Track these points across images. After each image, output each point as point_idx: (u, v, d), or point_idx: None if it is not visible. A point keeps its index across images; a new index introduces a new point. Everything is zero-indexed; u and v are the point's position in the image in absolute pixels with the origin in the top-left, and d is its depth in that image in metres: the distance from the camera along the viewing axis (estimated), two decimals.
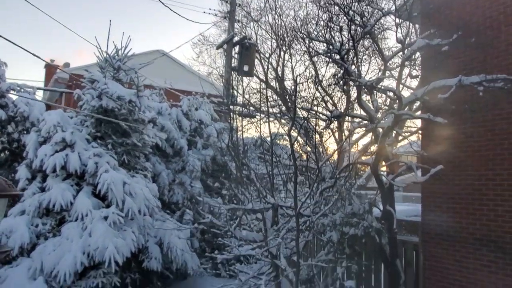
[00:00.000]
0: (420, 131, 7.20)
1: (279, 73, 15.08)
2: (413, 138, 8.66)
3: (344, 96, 8.19)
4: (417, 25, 7.75)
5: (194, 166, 10.22)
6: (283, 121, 8.49)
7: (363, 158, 6.90)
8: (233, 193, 6.58)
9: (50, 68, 20.44)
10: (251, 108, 12.07)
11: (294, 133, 6.48)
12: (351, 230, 6.15)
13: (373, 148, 6.87)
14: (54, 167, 7.97)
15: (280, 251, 6.05)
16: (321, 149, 7.73)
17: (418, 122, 7.97)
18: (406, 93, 8.68)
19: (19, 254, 7.40)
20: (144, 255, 8.01)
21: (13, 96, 10.04)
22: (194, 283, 9.17)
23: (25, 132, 9.93)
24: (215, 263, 8.10)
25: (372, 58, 14.34)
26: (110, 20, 9.02)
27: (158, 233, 8.29)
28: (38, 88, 13.14)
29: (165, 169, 10.20)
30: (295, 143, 6.91)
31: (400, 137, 7.53)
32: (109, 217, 7.49)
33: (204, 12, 33.98)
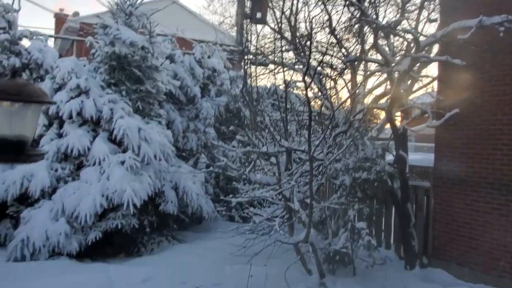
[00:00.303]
0: (436, 80, 7.10)
1: (292, 22, 14.69)
2: (428, 90, 8.58)
3: (359, 41, 8.01)
4: None
5: (208, 114, 10.27)
6: (296, 67, 8.40)
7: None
8: (247, 137, 6.65)
9: (60, 18, 20.19)
10: (264, 57, 11.91)
11: (308, 80, 6.43)
12: (364, 174, 6.22)
13: (387, 96, 6.83)
14: (70, 113, 8.09)
15: (294, 194, 6.17)
16: (335, 95, 7.70)
17: (434, 70, 7.83)
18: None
19: (40, 197, 7.68)
20: (160, 198, 8.25)
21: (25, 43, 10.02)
22: (209, 226, 9.48)
23: (39, 79, 9.99)
24: (229, 207, 8.31)
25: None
26: None
27: (174, 178, 8.49)
28: (50, 36, 13.07)
29: (178, 116, 10.26)
30: (309, 90, 6.88)
31: (416, 85, 7.45)
32: (125, 162, 7.66)
33: None
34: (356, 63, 7.62)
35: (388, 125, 7.51)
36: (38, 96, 1.80)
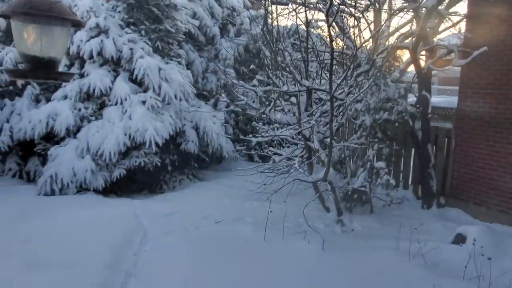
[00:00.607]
0: (464, 19, 6.79)
1: None
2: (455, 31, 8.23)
3: None
4: None
5: (227, 54, 10.16)
6: (318, 5, 8.11)
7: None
8: (267, 77, 6.60)
9: None
10: None
11: (330, 18, 6.23)
12: (385, 114, 6.17)
13: (412, 36, 6.60)
14: (91, 53, 8.11)
15: (313, 134, 6.20)
16: (357, 35, 7.47)
17: (463, 9, 7.46)
18: None
19: (66, 135, 7.89)
20: (181, 138, 8.41)
21: None
22: (228, 166, 9.69)
23: None
24: (249, 147, 8.43)
25: None
26: None
27: (194, 118, 8.59)
28: None
29: (198, 57, 10.20)
30: (331, 29, 6.68)
31: (442, 26, 7.16)
32: (147, 101, 7.75)
33: None
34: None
35: (411, 67, 7.34)
36: (68, 14, 1.83)
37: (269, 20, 6.61)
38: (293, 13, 10.46)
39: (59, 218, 5.50)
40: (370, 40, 7.02)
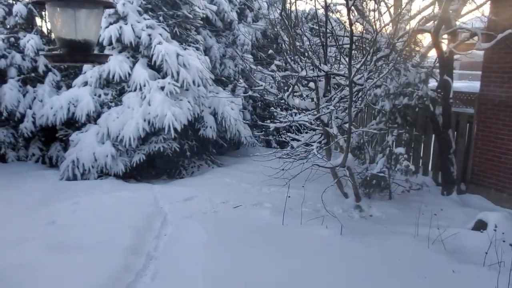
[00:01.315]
0: (488, 1, 6.60)
1: None
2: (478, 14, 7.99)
3: None
4: None
5: (245, 40, 10.11)
6: None
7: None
8: (286, 62, 6.55)
9: None
10: None
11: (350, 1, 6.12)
12: (405, 99, 6.08)
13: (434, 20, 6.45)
14: (110, 39, 8.17)
15: (332, 119, 6.16)
16: (377, 19, 7.33)
17: None
18: None
19: (86, 121, 8.03)
20: (199, 124, 8.46)
21: None
22: (246, 151, 9.72)
23: None
24: (267, 133, 8.44)
25: None
26: None
27: (212, 104, 8.62)
28: None
29: (216, 42, 10.18)
30: (350, 12, 6.58)
31: (465, 9, 6.97)
32: (165, 87, 7.80)
33: None
34: None
35: (431, 52, 7.18)
36: None
37: (287, 5, 6.54)
38: None
39: (81, 202, 5.63)
40: (390, 24, 6.90)
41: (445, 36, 6.57)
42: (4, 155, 8.58)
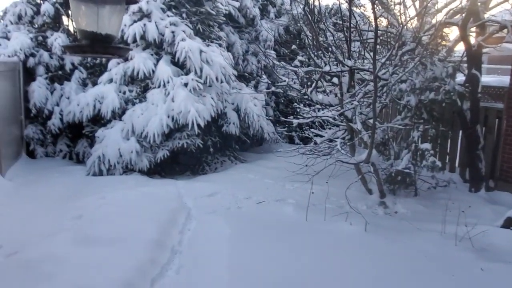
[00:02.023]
0: None
1: None
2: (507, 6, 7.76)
3: None
4: None
5: (267, 36, 10.09)
6: None
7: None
8: (309, 58, 6.51)
9: None
10: None
11: None
12: (431, 94, 5.95)
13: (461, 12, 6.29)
14: (134, 36, 8.27)
15: (356, 115, 6.09)
16: (402, 13, 7.20)
17: None
18: None
19: (111, 117, 8.16)
20: (222, 120, 8.49)
21: None
22: (269, 148, 9.72)
23: None
24: (290, 129, 8.41)
25: None
26: None
27: (235, 100, 8.63)
28: None
29: (238, 39, 10.19)
30: (375, 7, 6.49)
31: (494, 1, 6.77)
32: (189, 84, 7.86)
33: None
34: None
35: (459, 46, 7.02)
36: None
37: (310, 0, 6.49)
38: None
39: (107, 197, 5.73)
40: (416, 18, 6.77)
41: (473, 29, 6.41)
42: (33, 151, 8.81)
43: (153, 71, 8.23)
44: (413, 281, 3.69)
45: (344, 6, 8.17)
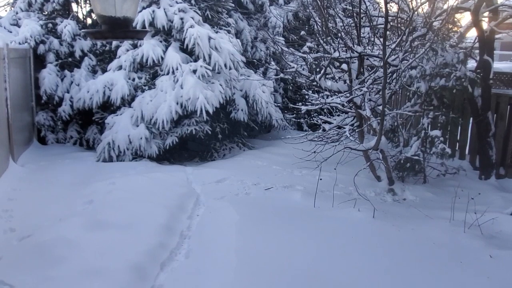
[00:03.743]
0: None
1: None
2: None
3: None
4: None
5: (276, 22, 10.01)
6: None
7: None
8: (318, 44, 6.46)
9: None
10: None
11: None
12: (442, 81, 5.89)
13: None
14: (143, 23, 8.24)
15: (365, 101, 6.05)
16: None
17: None
18: None
19: (121, 104, 8.20)
20: (231, 106, 8.49)
21: None
22: (278, 134, 9.72)
23: None
24: (298, 115, 8.39)
25: None
26: None
27: (244, 87, 8.62)
28: None
29: (247, 25, 10.14)
30: None
31: None
32: (197, 71, 7.86)
33: None
34: None
35: (470, 33, 6.91)
36: None
37: None
38: None
39: (117, 182, 5.79)
40: (427, 3, 6.67)
41: (486, 14, 6.30)
42: (44, 138, 8.90)
43: (162, 58, 8.23)
44: (421, 267, 3.70)
45: None
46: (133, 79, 8.38)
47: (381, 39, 5.56)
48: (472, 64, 6.52)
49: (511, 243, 4.10)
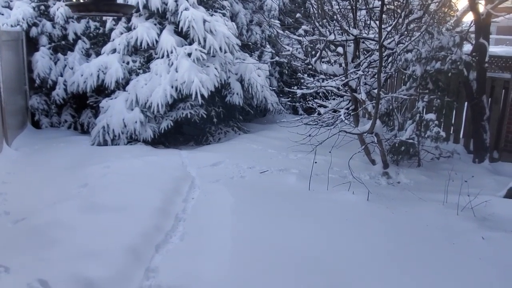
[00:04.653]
0: None
1: None
2: None
3: None
4: None
5: (272, 5, 9.91)
6: None
7: None
8: (314, 27, 6.40)
9: None
10: None
11: None
12: (437, 64, 5.88)
13: None
14: (137, 6, 8.12)
15: (360, 85, 6.04)
16: None
17: None
18: None
19: (115, 88, 8.14)
20: (226, 90, 8.45)
21: None
22: (273, 118, 9.71)
23: None
24: (293, 99, 8.36)
25: None
26: None
27: (239, 70, 8.57)
28: None
29: (242, 8, 10.02)
30: None
31: None
32: (192, 54, 7.79)
33: None
34: None
35: (466, 17, 6.88)
36: None
37: None
38: None
39: (112, 166, 5.78)
40: None
41: None
42: (38, 122, 8.84)
43: (157, 41, 8.14)
44: (414, 248, 3.74)
45: None
46: (128, 63, 8.31)
47: (377, 22, 5.53)
48: (468, 47, 6.50)
49: (503, 225, 4.15)
